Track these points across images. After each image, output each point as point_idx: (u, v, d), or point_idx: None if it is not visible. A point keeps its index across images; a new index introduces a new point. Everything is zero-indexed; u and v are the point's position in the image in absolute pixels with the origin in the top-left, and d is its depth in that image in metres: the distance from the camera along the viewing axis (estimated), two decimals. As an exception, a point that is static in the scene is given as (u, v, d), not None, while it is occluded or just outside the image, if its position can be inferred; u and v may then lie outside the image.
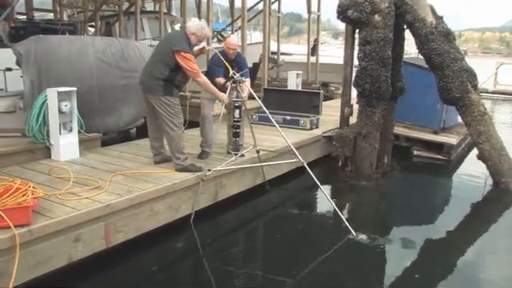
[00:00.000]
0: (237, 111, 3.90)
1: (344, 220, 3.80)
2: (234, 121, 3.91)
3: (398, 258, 3.46)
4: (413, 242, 3.73)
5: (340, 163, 5.65)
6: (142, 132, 5.51)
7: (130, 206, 3.28)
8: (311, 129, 6.13)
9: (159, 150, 4.21)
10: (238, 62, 4.43)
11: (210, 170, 3.83)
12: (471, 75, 5.17)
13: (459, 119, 6.15)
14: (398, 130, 6.66)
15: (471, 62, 5.42)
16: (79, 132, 4.51)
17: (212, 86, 4.16)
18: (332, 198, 4.98)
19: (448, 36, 5.18)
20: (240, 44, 7.71)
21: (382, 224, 4.13)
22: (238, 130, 3.92)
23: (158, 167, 4.07)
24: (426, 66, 5.53)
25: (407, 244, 3.69)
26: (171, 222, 3.64)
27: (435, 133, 6.87)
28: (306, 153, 5.66)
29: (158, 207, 3.53)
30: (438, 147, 6.49)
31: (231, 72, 4.17)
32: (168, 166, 4.08)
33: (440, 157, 6.41)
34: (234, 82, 3.96)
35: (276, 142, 5.23)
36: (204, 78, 4.03)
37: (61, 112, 4.26)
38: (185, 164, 3.95)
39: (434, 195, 5.38)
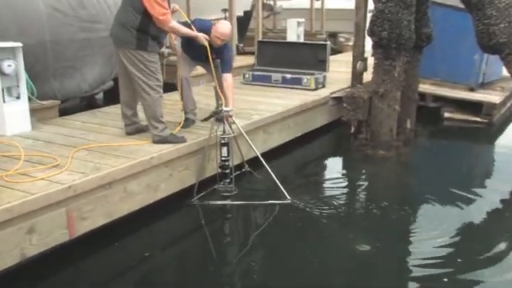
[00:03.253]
0: (224, 149, 3.91)
1: (280, 185, 3.93)
2: (222, 160, 3.93)
3: (427, 243, 3.39)
4: (444, 223, 3.65)
5: (352, 130, 5.63)
6: (110, 97, 5.45)
7: (98, 187, 3.23)
8: (316, 89, 6.09)
9: (132, 118, 4.16)
10: (221, 51, 4.24)
11: (195, 198, 3.92)
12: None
13: (504, 72, 5.93)
14: (425, 87, 6.56)
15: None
16: (30, 99, 4.38)
17: (187, 29, 4.01)
18: (343, 172, 5.11)
19: (492, -37, 4.90)
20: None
21: (404, 202, 4.05)
22: (226, 171, 3.96)
23: (131, 139, 4.03)
24: (461, 5, 5.34)
25: (437, 226, 3.60)
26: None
27: (472, 90, 6.72)
28: (311, 118, 5.66)
29: (132, 187, 3.49)
30: (476, 108, 6.31)
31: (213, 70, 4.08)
32: (143, 137, 4.05)
33: (478, 119, 6.31)
34: (219, 115, 3.93)
35: (276, 107, 5.18)
36: (175, 24, 3.87)
37: (3, 74, 4.07)
38: (163, 134, 3.90)
39: (470, 167, 5.30)
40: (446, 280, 2.97)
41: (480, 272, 3.05)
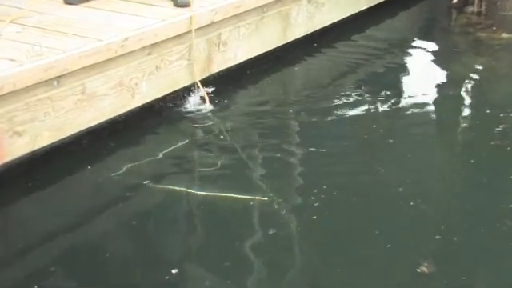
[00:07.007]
0: None
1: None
2: None
3: None
4: None
5: (456, -3, 5.76)
6: None
7: (39, 84, 3.19)
8: None
9: None
10: None
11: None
12: None
13: None
14: None
15: None
16: None
17: None
18: (440, 66, 4.98)
19: None
20: None
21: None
22: None
23: (86, 7, 4.08)
24: None
25: None
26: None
27: None
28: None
29: (94, 86, 3.50)
30: None
31: None
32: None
33: None
34: None
35: None
36: None
37: None
38: None
39: None
40: None
41: None
